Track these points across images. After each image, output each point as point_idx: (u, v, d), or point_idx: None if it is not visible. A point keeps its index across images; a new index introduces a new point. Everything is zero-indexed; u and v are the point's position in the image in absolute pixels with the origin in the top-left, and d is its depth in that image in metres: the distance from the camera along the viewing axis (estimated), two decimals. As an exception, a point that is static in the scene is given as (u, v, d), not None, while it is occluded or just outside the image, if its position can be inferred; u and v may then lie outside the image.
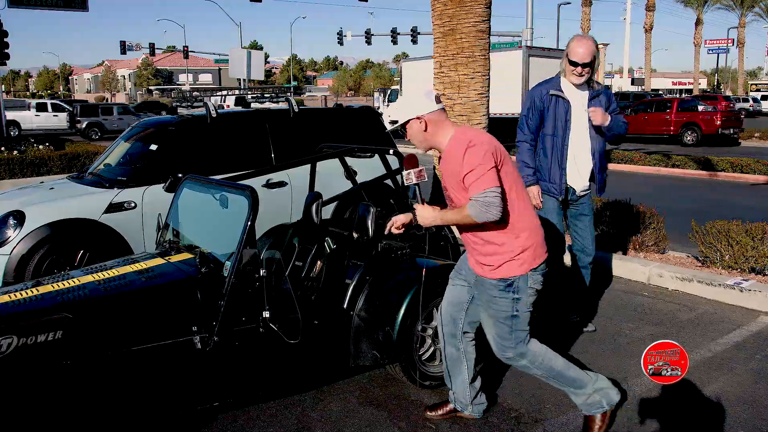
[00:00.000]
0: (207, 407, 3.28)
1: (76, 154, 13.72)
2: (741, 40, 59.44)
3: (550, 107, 4.43)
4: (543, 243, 3.11)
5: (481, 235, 3.06)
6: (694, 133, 22.89)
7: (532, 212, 3.10)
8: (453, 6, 8.08)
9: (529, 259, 3.03)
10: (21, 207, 5.29)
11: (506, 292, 3.06)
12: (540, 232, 3.11)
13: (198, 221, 3.96)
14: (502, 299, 3.07)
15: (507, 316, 3.08)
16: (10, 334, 2.80)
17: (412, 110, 3.03)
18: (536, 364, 3.15)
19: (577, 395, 3.22)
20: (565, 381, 3.19)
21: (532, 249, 3.04)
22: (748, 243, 5.72)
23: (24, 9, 18.72)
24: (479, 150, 2.86)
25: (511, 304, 3.06)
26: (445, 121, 3.06)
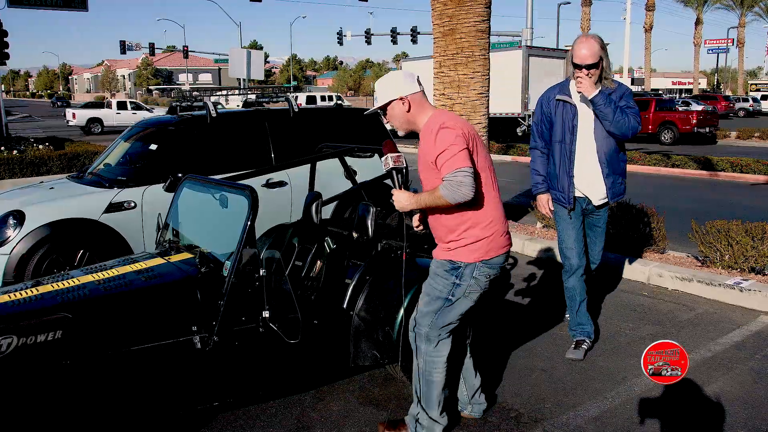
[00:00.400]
0: (207, 407, 3.28)
1: (76, 153, 13.71)
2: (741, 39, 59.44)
3: (557, 113, 4.26)
4: (501, 237, 3.07)
5: (443, 220, 3.06)
6: (671, 131, 23.58)
7: (495, 205, 3.07)
8: (453, 6, 8.08)
9: (481, 249, 3.01)
10: (21, 207, 5.29)
11: (449, 274, 3.05)
12: (499, 227, 3.06)
13: (198, 221, 3.96)
14: (442, 279, 3.07)
15: (440, 297, 3.07)
16: (9, 334, 2.80)
17: (395, 91, 3.04)
18: (427, 359, 3.13)
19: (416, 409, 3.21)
20: (425, 393, 3.17)
21: (487, 241, 3.01)
22: (748, 243, 5.72)
23: (24, 9, 18.72)
24: (451, 132, 2.88)
25: (449, 288, 3.05)
26: (425, 103, 3.09)
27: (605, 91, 4.10)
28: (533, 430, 3.39)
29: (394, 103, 3.06)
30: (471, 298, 3.09)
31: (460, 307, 3.09)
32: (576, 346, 4.37)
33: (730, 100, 47.30)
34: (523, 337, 4.65)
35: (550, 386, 3.86)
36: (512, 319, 5.02)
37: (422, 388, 3.17)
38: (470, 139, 2.95)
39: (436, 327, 3.10)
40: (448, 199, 2.85)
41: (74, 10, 19.52)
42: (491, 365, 4.17)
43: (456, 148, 2.84)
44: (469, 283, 3.04)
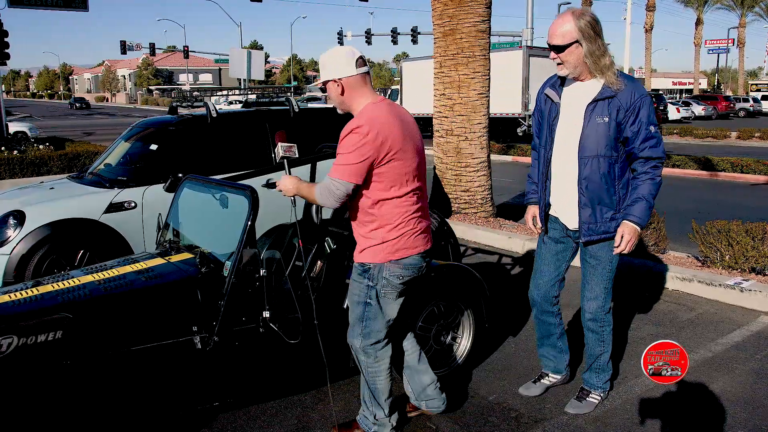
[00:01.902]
0: (207, 407, 3.28)
1: (77, 153, 13.71)
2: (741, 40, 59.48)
3: (544, 109, 3.46)
4: (413, 238, 2.97)
5: (354, 221, 3.05)
6: None
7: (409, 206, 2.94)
8: (453, 6, 8.09)
9: (387, 249, 2.95)
10: (21, 207, 5.29)
11: (361, 277, 3.04)
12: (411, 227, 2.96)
13: (198, 221, 3.96)
14: (357, 283, 3.06)
15: (360, 302, 3.05)
16: (10, 334, 2.80)
17: (330, 71, 2.93)
18: (368, 369, 3.12)
19: (368, 412, 3.23)
20: (373, 399, 3.18)
21: (394, 242, 2.94)
22: (749, 243, 5.72)
23: (24, 9, 18.74)
24: (359, 139, 2.76)
25: (365, 291, 3.03)
26: (363, 88, 2.94)
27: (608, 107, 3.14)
28: (534, 430, 3.39)
29: (329, 84, 2.95)
30: (389, 299, 3.03)
31: (386, 312, 3.05)
32: (535, 380, 3.83)
33: (731, 100, 47.34)
34: (523, 337, 4.65)
35: (555, 388, 3.86)
36: (513, 319, 5.02)
37: (369, 394, 3.19)
38: (386, 142, 2.79)
39: (367, 339, 3.07)
40: (317, 198, 2.92)
41: (75, 10, 19.54)
42: (493, 366, 4.17)
43: (351, 158, 2.77)
44: (381, 284, 2.99)
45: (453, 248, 4.81)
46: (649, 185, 3.20)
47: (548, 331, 3.72)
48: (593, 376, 3.61)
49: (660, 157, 3.19)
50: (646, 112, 3.13)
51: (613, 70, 3.13)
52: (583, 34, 3.07)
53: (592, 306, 3.44)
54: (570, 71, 3.19)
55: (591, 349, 3.57)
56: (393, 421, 3.25)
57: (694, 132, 26.92)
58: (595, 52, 3.09)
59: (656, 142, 3.17)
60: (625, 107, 3.12)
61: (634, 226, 3.20)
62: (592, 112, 3.17)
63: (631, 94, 3.12)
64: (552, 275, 3.59)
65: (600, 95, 3.15)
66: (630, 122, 3.13)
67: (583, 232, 3.31)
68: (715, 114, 42.77)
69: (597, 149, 3.18)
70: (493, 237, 7.60)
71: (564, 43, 3.10)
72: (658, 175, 3.21)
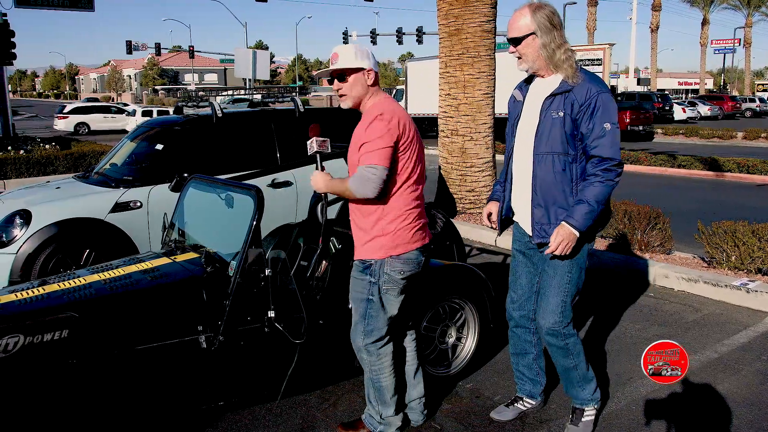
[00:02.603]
0: (212, 406, 3.29)
1: (82, 153, 13.76)
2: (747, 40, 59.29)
3: (512, 111, 3.29)
4: (412, 233, 2.99)
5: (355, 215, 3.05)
6: None
7: (410, 202, 2.98)
8: (459, 6, 8.08)
9: (389, 244, 2.96)
10: (27, 206, 5.31)
11: (363, 273, 3.04)
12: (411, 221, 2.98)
13: (203, 221, 3.96)
14: (359, 280, 3.06)
15: (362, 299, 3.05)
16: (16, 333, 2.81)
17: (368, 61, 2.96)
18: (372, 368, 3.12)
19: (373, 411, 3.23)
20: (378, 398, 3.19)
21: (394, 236, 2.95)
22: (755, 243, 5.70)
23: (31, 9, 18.80)
24: (385, 125, 2.83)
25: (367, 288, 3.02)
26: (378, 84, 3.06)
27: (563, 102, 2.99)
28: (539, 430, 3.39)
29: (358, 74, 2.96)
30: (391, 295, 3.04)
31: (387, 309, 3.06)
32: (508, 404, 3.57)
33: (737, 100, 47.17)
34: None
35: (557, 387, 3.85)
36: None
37: (374, 393, 3.19)
38: (405, 130, 2.90)
39: (369, 336, 3.08)
40: (352, 190, 2.88)
41: (80, 11, 19.60)
42: (497, 366, 4.16)
43: (381, 143, 2.81)
44: (383, 279, 3.00)
45: (458, 248, 4.81)
46: (596, 188, 2.93)
47: (524, 349, 3.46)
48: (577, 390, 3.31)
49: (611, 158, 2.93)
50: (602, 108, 2.93)
51: (569, 64, 2.98)
52: (538, 26, 2.95)
53: (547, 321, 3.13)
54: (528, 65, 3.06)
55: (560, 364, 3.27)
56: (399, 419, 3.25)
57: (700, 132, 26.84)
58: (550, 45, 2.96)
59: (609, 141, 2.93)
60: (580, 102, 2.95)
61: (570, 230, 2.94)
62: (548, 108, 3.01)
63: (587, 90, 2.95)
64: (525, 289, 3.35)
65: (557, 89, 3.00)
66: (584, 118, 2.95)
67: (535, 233, 3.10)
68: (721, 114, 42.62)
69: (551, 145, 3.00)
70: (497, 237, 7.58)
71: (520, 35, 2.99)
72: (609, 178, 2.94)
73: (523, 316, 3.38)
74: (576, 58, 3.01)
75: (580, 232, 2.96)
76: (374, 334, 3.07)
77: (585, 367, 3.27)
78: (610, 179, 2.95)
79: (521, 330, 3.42)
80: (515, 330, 3.44)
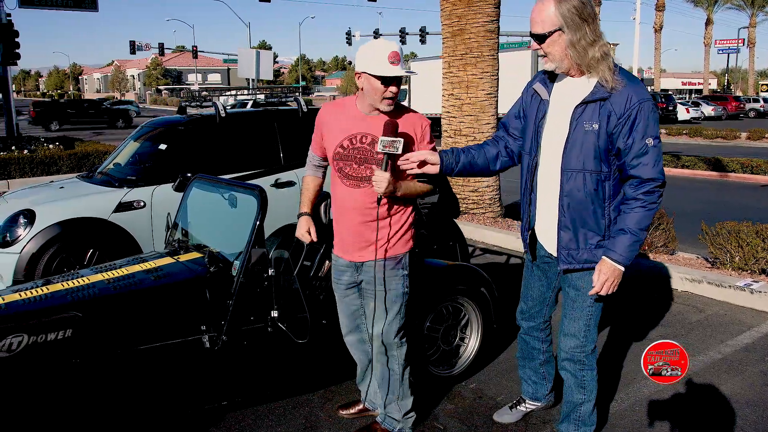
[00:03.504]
0: (215, 406, 3.29)
1: (86, 153, 13.78)
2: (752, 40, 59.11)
3: (530, 108, 2.90)
4: None
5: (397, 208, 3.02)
6: None
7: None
8: (462, 6, 8.08)
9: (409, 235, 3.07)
10: (31, 206, 5.32)
11: (395, 270, 3.04)
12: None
13: (207, 221, 3.97)
14: (393, 278, 3.05)
15: (399, 293, 3.07)
16: (20, 333, 2.82)
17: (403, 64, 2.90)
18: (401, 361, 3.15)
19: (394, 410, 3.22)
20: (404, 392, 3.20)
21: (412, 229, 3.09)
22: (759, 244, 5.69)
23: (35, 9, 18.85)
24: None
25: (402, 281, 3.06)
26: None
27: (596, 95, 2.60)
28: (542, 430, 3.38)
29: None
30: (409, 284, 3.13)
31: None
32: (511, 406, 3.49)
33: (741, 100, 47.06)
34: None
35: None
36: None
37: (399, 389, 3.18)
38: None
39: (401, 329, 3.12)
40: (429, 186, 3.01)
41: (84, 11, 19.67)
42: (501, 366, 4.16)
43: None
44: (409, 270, 3.08)
45: (461, 248, 4.81)
46: (638, 214, 2.61)
47: (531, 355, 3.32)
48: (571, 426, 3.05)
49: (655, 179, 2.58)
50: (644, 122, 2.55)
51: (606, 65, 2.58)
52: (565, 21, 2.55)
53: (568, 344, 2.91)
54: (556, 65, 2.67)
55: (569, 395, 3.02)
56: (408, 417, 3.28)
57: (704, 132, 26.79)
58: (580, 42, 2.55)
59: (652, 159, 2.57)
60: (618, 114, 2.56)
61: (615, 266, 2.65)
62: (579, 117, 2.64)
63: (627, 99, 2.56)
64: (536, 301, 3.17)
65: (590, 96, 2.61)
66: (623, 132, 2.57)
67: (562, 259, 2.80)
68: (725, 114, 42.54)
69: (583, 162, 2.65)
70: (501, 237, 7.59)
71: (544, 32, 2.60)
72: (652, 201, 2.61)
73: (532, 327, 3.23)
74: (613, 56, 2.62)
75: (623, 266, 2.65)
76: (403, 325, 3.12)
77: (591, 409, 3.01)
78: (653, 202, 2.61)
79: (530, 338, 3.29)
80: (524, 336, 3.31)
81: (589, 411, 3.01)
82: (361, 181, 2.94)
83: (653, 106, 2.59)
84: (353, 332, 3.30)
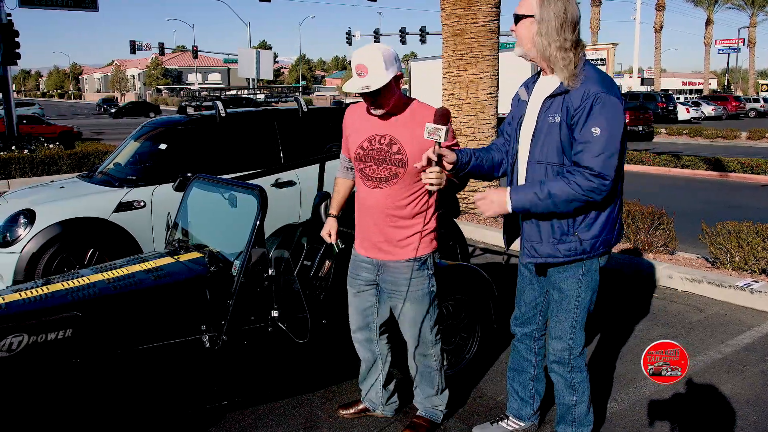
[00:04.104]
0: (215, 406, 3.29)
1: (86, 153, 13.79)
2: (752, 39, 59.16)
3: (516, 111, 2.93)
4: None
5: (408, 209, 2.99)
6: None
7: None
8: (462, 6, 8.08)
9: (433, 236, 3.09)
10: (31, 206, 5.32)
11: (421, 271, 3.06)
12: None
13: (207, 220, 3.97)
14: (418, 279, 3.07)
15: (426, 293, 3.10)
16: (20, 333, 2.82)
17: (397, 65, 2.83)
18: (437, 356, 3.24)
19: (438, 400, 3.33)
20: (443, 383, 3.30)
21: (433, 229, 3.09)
22: (759, 244, 5.69)
23: (35, 9, 18.85)
24: None
25: (428, 281, 3.09)
26: None
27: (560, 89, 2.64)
28: (542, 431, 3.38)
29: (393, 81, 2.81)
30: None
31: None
32: (493, 421, 3.33)
33: (741, 100, 47.06)
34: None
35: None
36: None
37: (438, 380, 3.29)
38: None
39: (435, 327, 3.19)
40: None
41: (85, 10, 19.66)
42: (501, 366, 4.16)
43: None
44: (434, 269, 3.11)
45: (461, 248, 4.81)
46: (556, 184, 2.56)
47: (522, 366, 3.20)
48: (568, 428, 3.03)
49: (591, 168, 2.51)
50: (597, 113, 2.53)
51: (565, 65, 2.59)
52: (541, 12, 2.58)
53: (556, 347, 2.89)
54: (522, 50, 2.70)
55: (560, 397, 3.01)
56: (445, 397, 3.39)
57: (704, 132, 26.79)
58: (545, 38, 2.60)
59: (597, 149, 2.51)
60: (575, 106, 2.57)
61: (506, 202, 2.61)
62: (546, 110, 2.67)
63: (585, 92, 2.55)
64: (529, 307, 3.09)
65: (556, 90, 2.64)
66: (579, 124, 2.57)
67: (525, 252, 2.80)
68: (725, 114, 42.53)
69: (546, 155, 2.66)
70: (501, 237, 7.57)
71: (520, 13, 2.65)
72: (578, 183, 2.52)
73: (526, 334, 3.14)
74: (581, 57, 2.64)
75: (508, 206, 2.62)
76: (436, 324, 3.17)
77: (585, 409, 2.99)
78: (579, 185, 2.53)
79: (523, 347, 3.18)
80: (517, 345, 3.21)
81: (585, 412, 3.00)
82: (380, 182, 2.97)
83: (612, 100, 2.55)
84: (362, 330, 3.31)
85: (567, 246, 2.70)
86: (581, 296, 2.80)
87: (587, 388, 2.97)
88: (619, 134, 2.55)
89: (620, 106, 2.58)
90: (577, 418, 3.00)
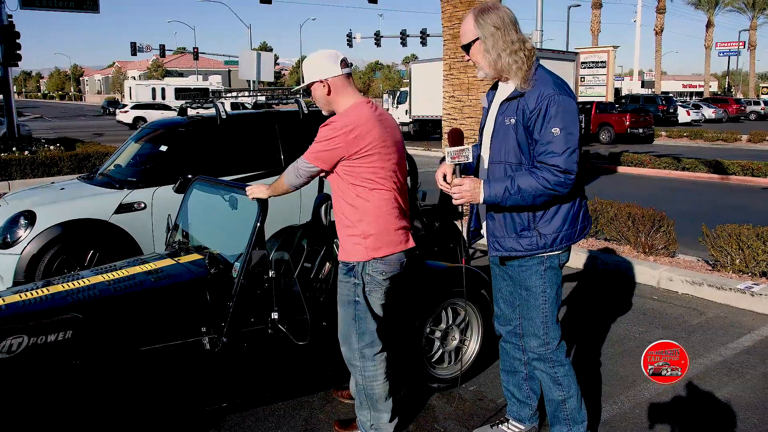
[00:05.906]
0: (215, 408, 3.29)
1: (87, 154, 13.79)
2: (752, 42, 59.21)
3: (483, 119, 3.10)
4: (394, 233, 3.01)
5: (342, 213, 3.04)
6: (608, 132, 26.26)
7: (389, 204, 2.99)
8: (462, 8, 8.09)
9: (371, 246, 2.97)
10: (32, 207, 5.32)
11: (347, 276, 3.04)
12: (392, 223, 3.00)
13: (207, 222, 3.97)
14: (344, 283, 3.06)
15: (348, 301, 3.05)
16: (20, 334, 2.82)
17: (317, 73, 2.99)
18: (365, 374, 3.09)
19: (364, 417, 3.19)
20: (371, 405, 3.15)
21: (376, 237, 2.96)
22: (759, 247, 5.69)
23: (36, 10, 18.89)
24: (329, 130, 2.89)
25: (353, 289, 3.03)
26: (347, 88, 3.02)
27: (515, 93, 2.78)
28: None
29: (315, 85, 3.01)
30: (375, 297, 3.05)
31: (375, 310, 3.06)
32: (493, 425, 3.34)
33: (742, 103, 47.06)
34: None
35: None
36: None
37: (366, 401, 3.15)
38: (361, 140, 2.88)
39: (362, 338, 3.06)
40: (284, 179, 3.08)
41: (85, 12, 19.71)
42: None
43: (319, 146, 2.91)
44: (366, 280, 3.01)
45: (462, 250, 4.80)
46: (526, 179, 2.68)
47: (513, 366, 3.23)
48: (563, 428, 3.03)
49: (557, 166, 2.65)
50: (553, 114, 2.65)
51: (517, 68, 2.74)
52: (482, 32, 2.76)
53: (532, 344, 2.95)
54: (483, 72, 2.85)
55: (548, 393, 3.02)
56: (393, 426, 3.19)
57: (705, 135, 26.79)
58: (492, 50, 2.75)
59: (560, 148, 2.65)
60: (531, 108, 2.70)
61: (479, 194, 2.72)
62: (503, 114, 2.82)
63: (538, 94, 2.70)
64: (507, 302, 3.14)
65: (511, 94, 2.80)
66: (537, 125, 2.69)
67: (490, 246, 2.92)
68: (725, 117, 42.53)
69: (504, 154, 2.81)
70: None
71: (466, 42, 2.83)
72: (546, 178, 2.65)
73: (510, 331, 3.17)
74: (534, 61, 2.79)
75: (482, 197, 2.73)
76: (366, 336, 3.06)
77: (576, 404, 3.00)
78: (546, 179, 2.65)
79: (510, 346, 3.21)
80: (504, 345, 3.24)
81: (576, 407, 3.01)
82: None
83: (566, 99, 2.70)
84: None
85: (528, 240, 2.82)
86: (547, 291, 2.90)
87: (573, 381, 2.99)
88: (576, 131, 2.70)
89: (573, 104, 2.73)
90: (569, 414, 3.00)
